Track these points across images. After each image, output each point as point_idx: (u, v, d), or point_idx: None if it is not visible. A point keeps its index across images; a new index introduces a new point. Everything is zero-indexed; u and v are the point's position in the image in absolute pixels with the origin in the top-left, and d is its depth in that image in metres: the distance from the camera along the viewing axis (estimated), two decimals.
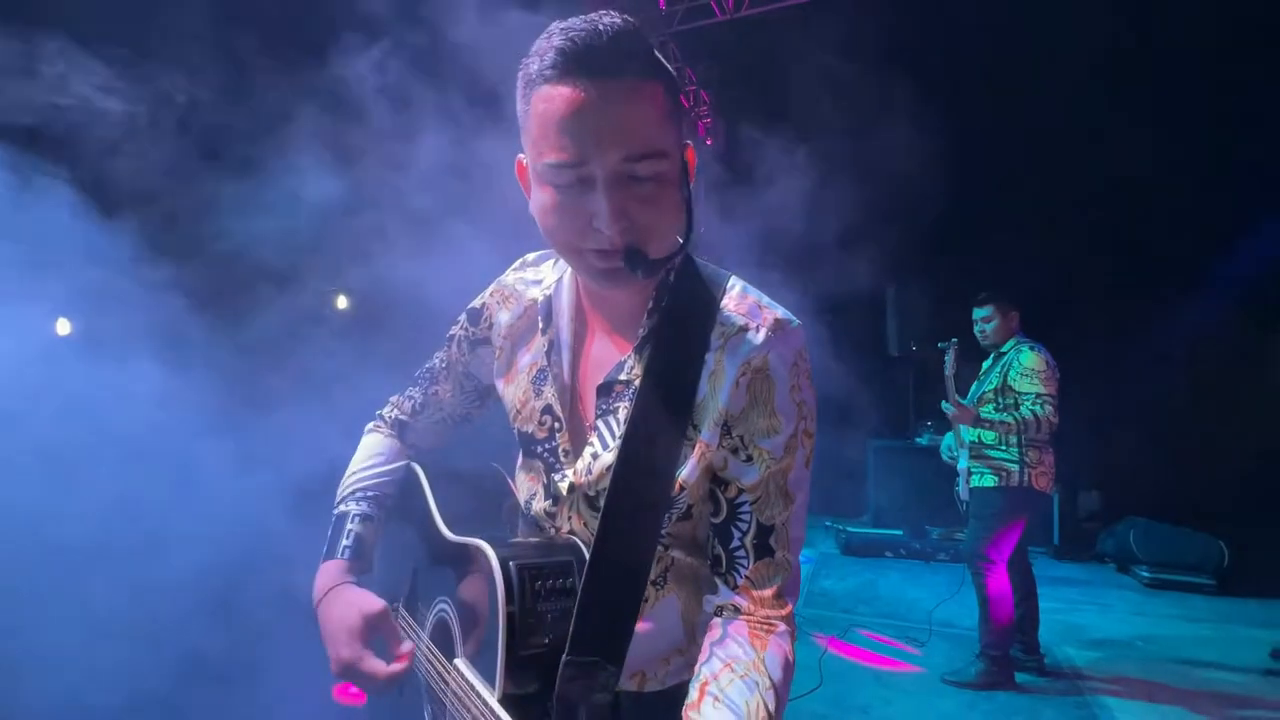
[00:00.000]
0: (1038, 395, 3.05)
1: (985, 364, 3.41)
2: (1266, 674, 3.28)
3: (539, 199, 0.72)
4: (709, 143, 7.58)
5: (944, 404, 3.24)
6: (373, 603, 0.82)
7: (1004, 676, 3.12)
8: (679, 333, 0.77)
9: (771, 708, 0.67)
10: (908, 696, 3.07)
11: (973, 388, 3.41)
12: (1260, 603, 4.30)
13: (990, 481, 3.15)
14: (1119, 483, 6.13)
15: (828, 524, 6.15)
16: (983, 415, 3.12)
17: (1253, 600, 4.38)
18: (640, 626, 0.73)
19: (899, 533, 5.71)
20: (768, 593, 0.74)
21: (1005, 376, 3.19)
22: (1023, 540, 3.28)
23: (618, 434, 0.76)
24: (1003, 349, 3.29)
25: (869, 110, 7.01)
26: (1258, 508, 4.88)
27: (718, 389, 0.74)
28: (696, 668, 0.71)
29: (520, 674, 0.68)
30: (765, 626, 0.72)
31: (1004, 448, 3.14)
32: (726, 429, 0.75)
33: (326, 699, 0.84)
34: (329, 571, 0.88)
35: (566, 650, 0.68)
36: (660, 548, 0.77)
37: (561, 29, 0.68)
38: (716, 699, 0.67)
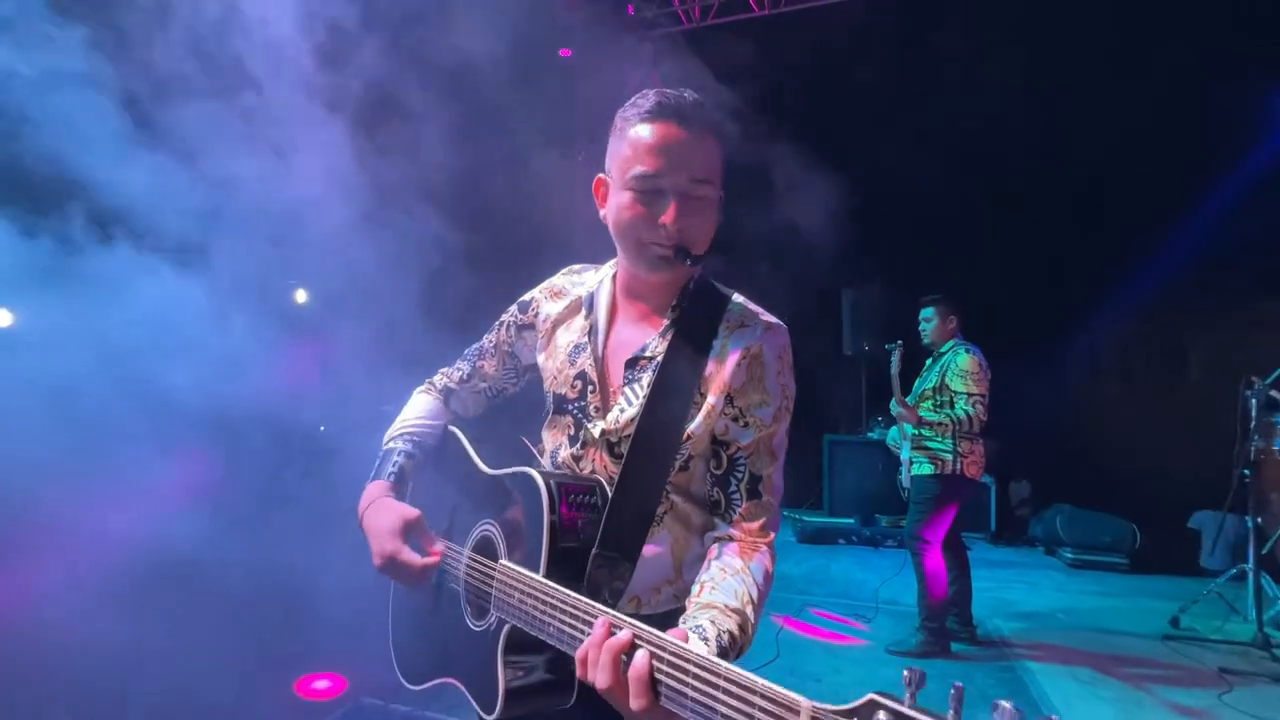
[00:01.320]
0: (969, 395, 3.40)
1: (928, 362, 3.75)
2: (1165, 639, 3.71)
3: (619, 200, 0.97)
4: None
5: (892, 403, 3.56)
6: (410, 510, 1.03)
7: (941, 646, 3.45)
8: (694, 325, 1.01)
9: (754, 596, 0.90)
10: (855, 665, 3.37)
11: (915, 384, 3.74)
12: (1166, 579, 4.80)
13: (928, 470, 3.48)
14: (1048, 474, 6.64)
15: (785, 514, 6.47)
16: (924, 416, 3.45)
17: (1160, 576, 4.87)
18: (646, 551, 0.95)
19: (851, 521, 6.07)
20: (755, 525, 0.98)
21: (943, 376, 3.53)
22: (959, 525, 3.64)
23: (642, 395, 0.99)
24: (942, 350, 3.63)
25: (826, 118, 7.34)
26: (1166, 495, 5.42)
27: (723, 366, 0.99)
28: (699, 575, 0.93)
29: (558, 563, 0.88)
30: (753, 547, 0.96)
31: (940, 439, 3.47)
32: (730, 399, 0.99)
33: None
34: (374, 489, 1.08)
35: (595, 547, 0.91)
36: (665, 491, 1.00)
37: (658, 91, 0.97)
38: (713, 589, 0.89)
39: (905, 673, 0.55)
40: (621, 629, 0.72)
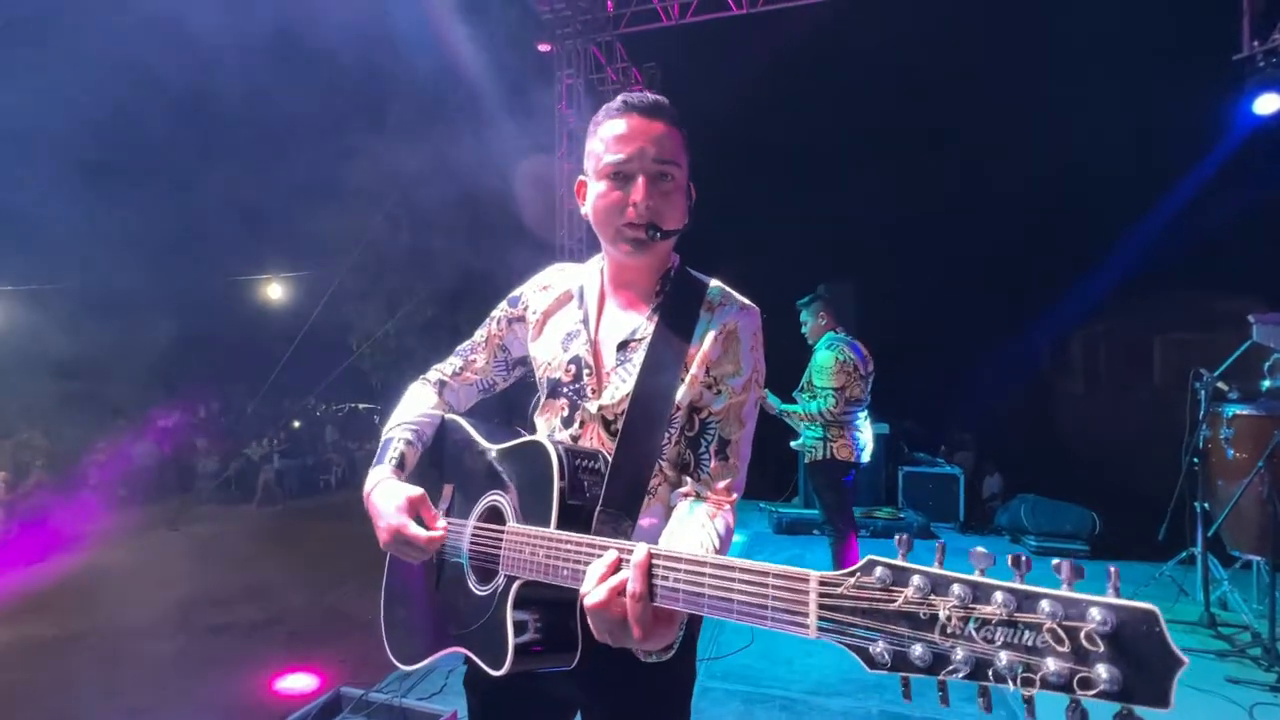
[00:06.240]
0: (823, 389, 3.56)
1: None
2: None
3: (596, 190, 1.09)
4: None
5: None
6: (414, 489, 1.09)
7: None
8: (677, 307, 1.12)
9: (716, 545, 0.99)
10: (826, 649, 3.45)
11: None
12: (1123, 563, 4.96)
13: (806, 459, 3.67)
14: (1016, 467, 6.86)
15: (762, 506, 6.59)
16: (780, 408, 3.62)
17: (1117, 561, 5.06)
18: (643, 523, 1.04)
19: None
20: (720, 485, 1.07)
21: (810, 372, 3.70)
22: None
23: (633, 374, 1.08)
24: (816, 347, 3.78)
25: (803, 117, 7.45)
26: (1124, 484, 5.64)
27: (704, 343, 1.09)
28: (666, 525, 1.04)
29: (567, 517, 0.96)
30: (716, 504, 1.06)
31: (811, 428, 3.65)
32: (707, 370, 1.09)
33: None
34: (378, 472, 1.14)
35: (600, 505, 0.99)
36: (659, 464, 1.07)
37: (625, 93, 1.09)
38: (680, 539, 0.98)
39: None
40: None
